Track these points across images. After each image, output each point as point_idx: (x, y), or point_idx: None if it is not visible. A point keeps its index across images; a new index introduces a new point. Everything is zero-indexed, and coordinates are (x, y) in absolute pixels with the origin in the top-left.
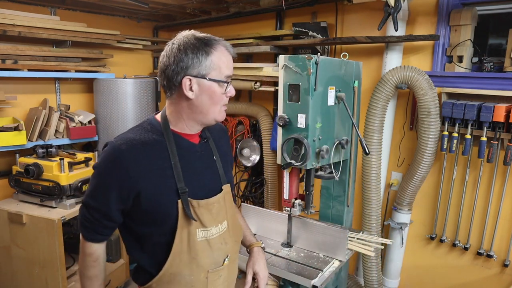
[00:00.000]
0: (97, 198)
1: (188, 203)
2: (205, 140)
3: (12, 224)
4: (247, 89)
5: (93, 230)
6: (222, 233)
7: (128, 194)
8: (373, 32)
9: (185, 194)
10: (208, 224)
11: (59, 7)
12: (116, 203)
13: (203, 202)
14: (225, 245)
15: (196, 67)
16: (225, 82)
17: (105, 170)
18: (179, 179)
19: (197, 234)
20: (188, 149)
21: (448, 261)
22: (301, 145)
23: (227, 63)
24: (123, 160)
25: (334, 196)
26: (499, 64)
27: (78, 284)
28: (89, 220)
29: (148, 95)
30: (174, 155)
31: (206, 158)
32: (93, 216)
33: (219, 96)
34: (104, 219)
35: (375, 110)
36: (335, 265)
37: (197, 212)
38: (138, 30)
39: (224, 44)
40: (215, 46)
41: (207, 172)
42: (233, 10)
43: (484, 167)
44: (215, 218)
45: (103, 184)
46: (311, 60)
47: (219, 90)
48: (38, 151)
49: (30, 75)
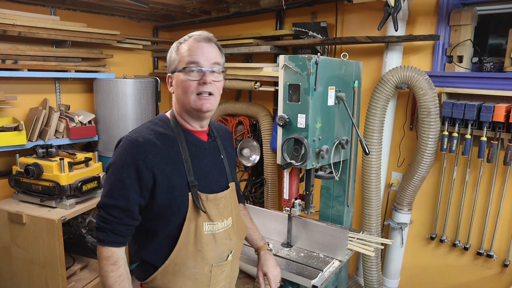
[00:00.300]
0: (115, 195)
1: (198, 196)
2: (212, 139)
3: (12, 224)
4: (247, 89)
5: (111, 231)
6: (227, 228)
7: (146, 186)
8: (373, 32)
9: (195, 187)
10: (215, 218)
11: (59, 7)
12: (136, 197)
13: (212, 196)
14: (229, 241)
15: (171, 64)
16: (187, 69)
17: (123, 162)
18: (189, 173)
19: (203, 227)
20: (196, 145)
21: (448, 261)
22: (301, 145)
23: (190, 50)
24: (141, 151)
25: (334, 196)
26: (499, 64)
27: (78, 284)
28: (107, 221)
29: (148, 95)
30: (185, 150)
31: (213, 156)
32: (112, 214)
33: (187, 84)
34: (124, 215)
35: (375, 110)
36: (335, 265)
37: (205, 205)
38: (138, 30)
39: (195, 36)
40: (186, 41)
41: (215, 168)
42: (233, 10)
43: (484, 167)
44: (222, 213)
45: (122, 177)
46: (311, 60)
47: (183, 78)
48: (38, 151)
49: (30, 75)
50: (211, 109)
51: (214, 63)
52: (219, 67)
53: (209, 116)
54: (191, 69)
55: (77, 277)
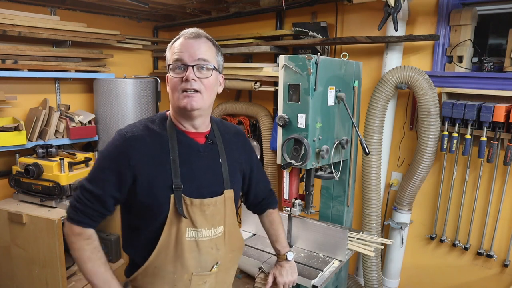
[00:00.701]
0: (94, 182)
1: (181, 200)
2: (210, 142)
3: (12, 224)
4: (247, 89)
5: (81, 212)
6: (214, 237)
7: (125, 181)
8: (373, 32)
9: (179, 190)
10: (200, 225)
11: (59, 7)
12: (111, 189)
13: (197, 201)
14: (216, 251)
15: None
16: (169, 65)
17: (108, 154)
18: (175, 175)
19: (186, 232)
20: (189, 147)
21: (448, 261)
22: (301, 145)
23: (177, 47)
24: (127, 148)
25: (334, 196)
26: (499, 64)
27: (78, 284)
28: (81, 201)
29: (148, 95)
30: (174, 151)
31: (209, 159)
32: (86, 198)
33: (173, 82)
34: (96, 202)
35: (375, 110)
36: (335, 265)
37: (189, 210)
38: (138, 30)
39: (184, 33)
40: (178, 40)
41: (209, 173)
42: (233, 10)
43: (484, 167)
44: (208, 220)
45: (103, 167)
46: (311, 60)
47: (170, 76)
48: (38, 151)
49: (30, 75)
50: (196, 108)
51: (200, 59)
52: (206, 63)
53: (198, 115)
54: (176, 66)
55: (77, 277)
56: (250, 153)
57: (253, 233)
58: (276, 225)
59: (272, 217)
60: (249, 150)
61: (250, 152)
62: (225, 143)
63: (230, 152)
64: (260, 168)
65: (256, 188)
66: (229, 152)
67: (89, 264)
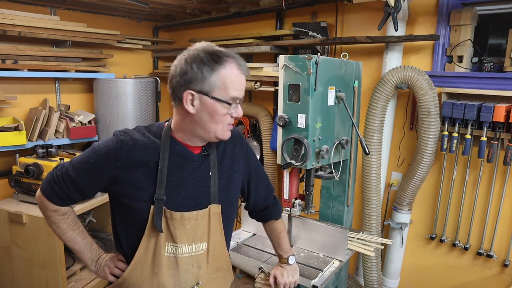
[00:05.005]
0: (78, 171)
1: (161, 212)
2: (205, 153)
3: (12, 224)
4: (247, 89)
5: (58, 195)
6: (195, 254)
7: (107, 180)
8: (373, 32)
9: (160, 202)
10: (179, 240)
11: (59, 7)
12: (91, 183)
13: (177, 215)
14: (196, 269)
15: (199, 82)
16: (229, 104)
17: (98, 150)
18: (160, 186)
19: (165, 247)
20: (183, 156)
21: (448, 261)
22: (301, 145)
23: (235, 83)
24: (117, 149)
25: (334, 196)
26: (499, 64)
27: (78, 284)
28: (60, 186)
29: (148, 95)
30: (164, 161)
31: (201, 171)
32: (65, 180)
33: (222, 116)
34: (75, 191)
35: (375, 110)
36: (335, 265)
37: (170, 224)
38: (138, 30)
39: (236, 62)
40: (225, 64)
41: (198, 185)
42: (233, 10)
43: (484, 167)
44: (189, 235)
45: (89, 160)
46: (311, 60)
47: (221, 110)
48: (38, 151)
49: (30, 75)
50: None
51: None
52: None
53: None
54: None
55: (77, 277)
56: (248, 158)
57: (253, 233)
58: (278, 233)
59: (274, 227)
60: (246, 154)
61: (248, 157)
62: (220, 154)
63: (226, 163)
64: (260, 174)
65: (255, 195)
66: (225, 163)
67: (67, 233)
